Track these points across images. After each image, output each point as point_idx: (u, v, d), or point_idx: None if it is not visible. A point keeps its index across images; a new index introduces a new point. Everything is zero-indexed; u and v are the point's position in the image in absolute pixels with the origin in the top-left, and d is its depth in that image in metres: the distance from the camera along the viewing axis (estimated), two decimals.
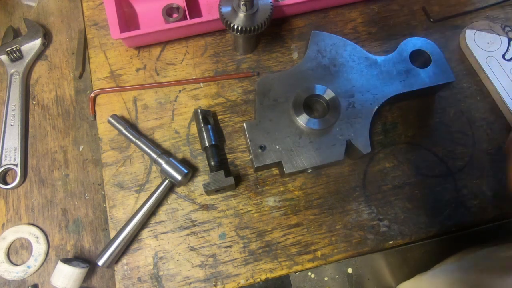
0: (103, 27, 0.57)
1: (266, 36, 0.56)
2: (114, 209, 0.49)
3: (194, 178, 0.50)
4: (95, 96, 0.53)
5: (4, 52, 0.56)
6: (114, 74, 0.55)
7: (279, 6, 0.53)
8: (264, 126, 0.47)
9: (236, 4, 0.45)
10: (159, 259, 0.47)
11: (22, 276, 0.49)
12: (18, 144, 0.53)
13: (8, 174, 0.53)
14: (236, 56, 0.55)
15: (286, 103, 0.48)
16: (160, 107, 0.53)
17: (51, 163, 0.54)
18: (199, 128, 0.49)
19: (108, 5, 0.51)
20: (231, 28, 0.46)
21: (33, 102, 0.56)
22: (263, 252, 0.47)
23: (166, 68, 0.55)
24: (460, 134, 0.52)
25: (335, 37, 0.51)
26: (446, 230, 0.49)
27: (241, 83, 0.54)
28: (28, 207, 0.52)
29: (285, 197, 0.49)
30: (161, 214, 0.49)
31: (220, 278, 0.46)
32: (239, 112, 0.53)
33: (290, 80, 0.49)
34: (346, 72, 0.49)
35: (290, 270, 0.47)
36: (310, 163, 0.46)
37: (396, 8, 0.59)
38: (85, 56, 0.58)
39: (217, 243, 0.48)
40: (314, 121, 0.46)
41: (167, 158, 0.47)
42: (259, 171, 0.50)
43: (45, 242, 0.51)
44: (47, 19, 0.60)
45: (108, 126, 0.52)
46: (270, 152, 0.46)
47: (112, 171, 0.50)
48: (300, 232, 0.48)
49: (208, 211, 0.49)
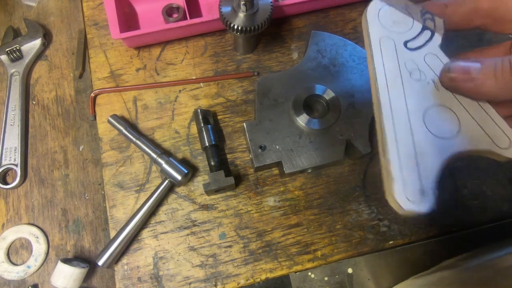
0: (103, 27, 0.57)
1: (266, 36, 0.56)
2: (114, 209, 0.49)
3: (194, 178, 0.50)
4: (95, 96, 0.53)
5: (4, 52, 0.56)
6: (114, 74, 0.55)
7: (279, 6, 0.53)
8: (264, 126, 0.47)
9: (236, 4, 0.45)
10: (159, 259, 0.47)
11: (22, 276, 0.49)
12: (18, 144, 0.53)
13: (8, 174, 0.53)
14: (236, 56, 0.55)
15: (286, 103, 0.48)
16: (160, 107, 0.53)
17: (51, 163, 0.54)
18: (199, 128, 0.49)
19: (108, 5, 0.51)
20: (231, 28, 0.46)
21: (33, 102, 0.56)
22: (263, 252, 0.47)
23: (166, 68, 0.55)
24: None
25: (335, 37, 0.51)
26: (446, 230, 0.49)
27: (241, 83, 0.54)
28: (28, 207, 0.52)
29: (285, 197, 0.49)
30: (161, 214, 0.49)
31: (220, 278, 0.46)
32: (239, 112, 0.53)
33: (290, 80, 0.49)
34: (346, 72, 0.49)
35: (290, 270, 0.47)
36: (310, 163, 0.46)
37: None
38: (85, 56, 0.58)
39: (217, 243, 0.48)
40: (314, 121, 0.46)
41: (167, 158, 0.47)
42: (259, 171, 0.50)
43: (45, 242, 0.51)
44: (47, 19, 0.60)
45: (108, 126, 0.52)
46: (270, 152, 0.46)
47: (112, 171, 0.50)
48: (300, 232, 0.48)
49: (208, 211, 0.49)
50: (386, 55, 0.37)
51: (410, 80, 0.36)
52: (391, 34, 0.38)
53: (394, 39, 0.38)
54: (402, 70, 0.37)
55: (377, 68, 0.37)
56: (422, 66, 0.37)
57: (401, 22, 0.39)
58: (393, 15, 0.39)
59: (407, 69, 0.37)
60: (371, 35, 0.39)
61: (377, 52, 0.38)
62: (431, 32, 0.38)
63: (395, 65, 0.37)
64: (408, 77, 0.37)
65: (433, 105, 0.36)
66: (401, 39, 0.38)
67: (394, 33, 0.38)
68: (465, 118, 0.35)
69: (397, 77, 0.36)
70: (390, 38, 0.38)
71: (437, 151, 0.33)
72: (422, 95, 0.36)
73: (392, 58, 0.37)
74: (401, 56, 0.37)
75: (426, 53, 0.38)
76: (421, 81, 0.37)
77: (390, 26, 0.39)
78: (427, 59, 0.38)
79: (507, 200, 0.50)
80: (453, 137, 0.34)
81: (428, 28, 0.38)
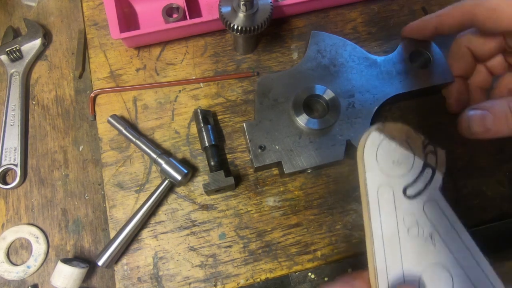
0: (103, 27, 0.57)
1: (266, 36, 0.56)
2: (114, 209, 0.49)
3: (194, 178, 0.50)
4: (95, 96, 0.53)
5: (4, 52, 0.56)
6: (114, 74, 0.55)
7: (279, 6, 0.53)
8: (264, 126, 0.47)
9: (236, 4, 0.45)
10: (159, 259, 0.47)
11: (22, 276, 0.49)
12: (18, 144, 0.53)
13: (8, 174, 0.53)
14: (236, 56, 0.55)
15: (286, 103, 0.48)
16: (160, 107, 0.53)
17: (51, 163, 0.54)
18: (199, 128, 0.49)
19: (108, 5, 0.51)
20: (231, 28, 0.46)
21: (33, 102, 0.56)
22: (263, 252, 0.47)
23: (166, 68, 0.55)
24: (460, 134, 0.52)
25: (335, 37, 0.51)
26: None
27: (241, 83, 0.54)
28: (28, 207, 0.52)
29: (285, 197, 0.49)
30: (161, 214, 0.49)
31: (220, 278, 0.46)
32: (239, 112, 0.53)
33: (290, 80, 0.49)
34: (346, 72, 0.49)
35: (290, 270, 0.47)
36: (309, 163, 0.46)
37: (396, 8, 0.58)
38: (85, 56, 0.58)
39: (217, 243, 0.48)
40: (314, 121, 0.46)
41: (167, 158, 0.47)
42: (259, 171, 0.50)
43: (45, 242, 0.51)
44: (47, 19, 0.60)
45: (108, 126, 0.52)
46: (269, 152, 0.46)
47: (112, 171, 0.50)
48: (300, 232, 0.48)
49: (208, 211, 0.49)
50: (384, 211, 0.35)
51: (407, 238, 0.34)
52: (390, 181, 0.35)
53: (393, 187, 0.35)
54: (400, 227, 0.35)
55: (374, 228, 0.34)
56: (420, 218, 0.35)
57: (401, 161, 0.36)
58: (392, 153, 0.36)
59: (405, 225, 0.35)
60: (368, 183, 0.35)
61: (375, 207, 0.35)
62: (432, 170, 0.36)
63: (393, 222, 0.35)
64: (405, 234, 0.34)
65: (429, 264, 0.34)
66: (400, 184, 0.35)
67: (393, 178, 0.35)
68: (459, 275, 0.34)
69: (395, 236, 0.34)
70: (389, 186, 0.35)
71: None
72: (419, 254, 0.34)
73: (391, 213, 0.35)
74: (399, 209, 0.35)
75: (425, 201, 0.36)
76: (419, 237, 0.34)
77: (390, 169, 0.35)
78: (426, 209, 0.36)
79: (507, 200, 0.50)
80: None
81: (430, 166, 0.36)
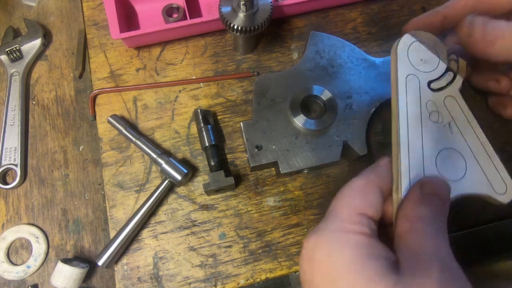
0: (103, 27, 0.57)
1: (266, 36, 0.56)
2: (114, 209, 0.49)
3: (194, 178, 0.50)
4: (95, 96, 0.54)
5: (4, 52, 0.56)
6: (114, 74, 0.55)
7: (279, 6, 0.53)
8: (261, 126, 0.47)
9: (236, 4, 0.45)
10: (159, 259, 0.47)
11: (22, 276, 0.49)
12: (18, 144, 0.53)
13: (8, 174, 0.53)
14: (236, 56, 0.55)
15: (284, 103, 0.48)
16: (160, 107, 0.53)
17: (51, 163, 0.54)
18: (199, 128, 0.49)
19: (108, 5, 0.51)
20: (231, 28, 0.46)
21: (33, 102, 0.56)
22: (263, 252, 0.47)
23: (166, 68, 0.55)
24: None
25: (333, 38, 0.51)
26: None
27: (241, 83, 0.54)
28: (28, 207, 0.52)
29: (285, 197, 0.49)
30: (161, 214, 0.49)
31: (220, 278, 0.46)
32: (239, 112, 0.53)
33: (288, 80, 0.49)
34: (344, 73, 0.49)
35: (290, 270, 0.47)
36: (306, 163, 0.46)
37: (396, 8, 0.59)
38: (85, 56, 0.58)
39: (217, 243, 0.48)
40: (311, 122, 0.46)
41: (167, 158, 0.47)
42: (256, 171, 0.50)
43: (45, 242, 0.51)
44: (47, 19, 0.60)
45: (108, 126, 0.52)
46: (266, 152, 0.46)
47: (112, 171, 0.50)
48: (300, 232, 0.48)
49: (208, 211, 0.49)
50: (410, 94, 0.39)
51: (428, 121, 0.38)
52: (418, 73, 0.40)
53: (419, 77, 0.40)
54: (423, 110, 0.39)
55: (401, 106, 0.38)
56: (441, 108, 0.39)
57: (428, 61, 0.40)
58: (421, 53, 0.40)
59: (428, 110, 0.39)
60: (399, 71, 0.40)
61: (403, 90, 0.39)
62: (453, 74, 0.40)
63: (417, 104, 0.39)
64: (427, 118, 0.38)
65: (445, 148, 0.37)
66: (426, 78, 0.40)
67: (420, 72, 0.40)
68: (472, 163, 0.37)
69: (418, 117, 0.38)
70: (416, 76, 0.40)
71: None
72: (437, 137, 0.38)
73: (416, 97, 0.39)
74: (423, 96, 0.39)
75: (446, 96, 0.40)
76: (438, 123, 0.38)
77: (418, 65, 0.40)
78: (447, 102, 0.40)
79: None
80: (459, 180, 0.36)
81: (452, 70, 0.40)
